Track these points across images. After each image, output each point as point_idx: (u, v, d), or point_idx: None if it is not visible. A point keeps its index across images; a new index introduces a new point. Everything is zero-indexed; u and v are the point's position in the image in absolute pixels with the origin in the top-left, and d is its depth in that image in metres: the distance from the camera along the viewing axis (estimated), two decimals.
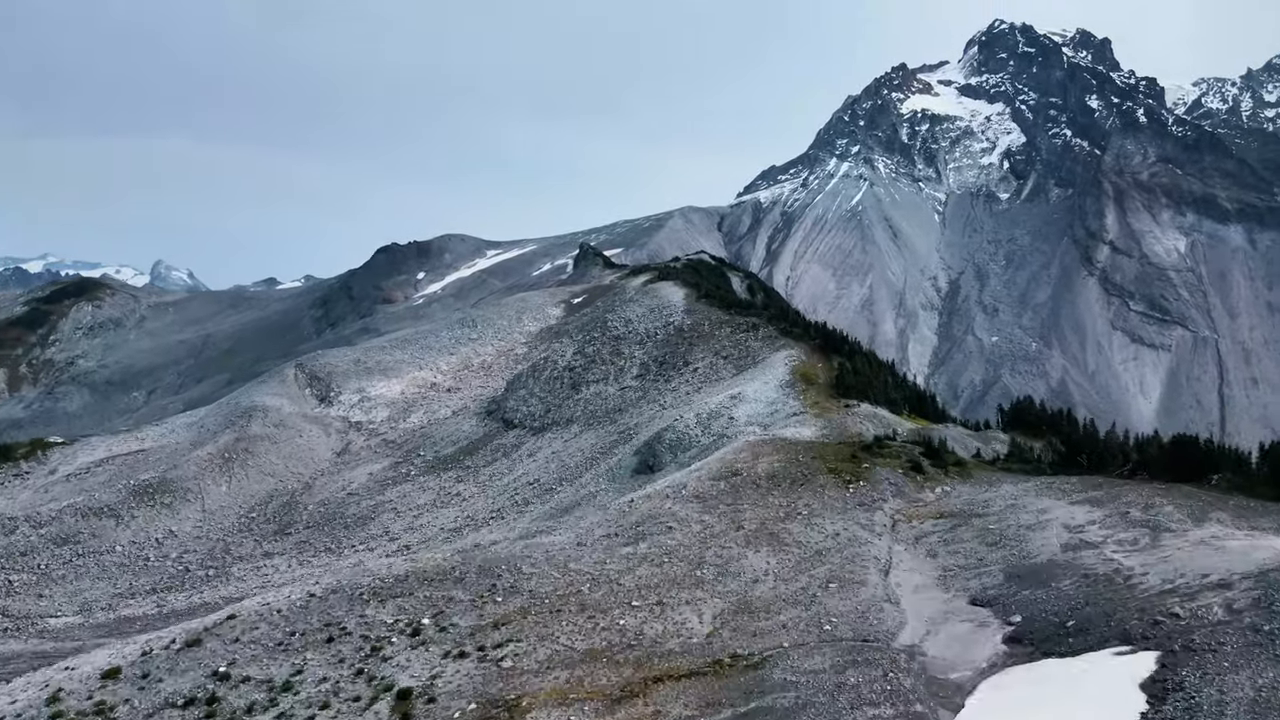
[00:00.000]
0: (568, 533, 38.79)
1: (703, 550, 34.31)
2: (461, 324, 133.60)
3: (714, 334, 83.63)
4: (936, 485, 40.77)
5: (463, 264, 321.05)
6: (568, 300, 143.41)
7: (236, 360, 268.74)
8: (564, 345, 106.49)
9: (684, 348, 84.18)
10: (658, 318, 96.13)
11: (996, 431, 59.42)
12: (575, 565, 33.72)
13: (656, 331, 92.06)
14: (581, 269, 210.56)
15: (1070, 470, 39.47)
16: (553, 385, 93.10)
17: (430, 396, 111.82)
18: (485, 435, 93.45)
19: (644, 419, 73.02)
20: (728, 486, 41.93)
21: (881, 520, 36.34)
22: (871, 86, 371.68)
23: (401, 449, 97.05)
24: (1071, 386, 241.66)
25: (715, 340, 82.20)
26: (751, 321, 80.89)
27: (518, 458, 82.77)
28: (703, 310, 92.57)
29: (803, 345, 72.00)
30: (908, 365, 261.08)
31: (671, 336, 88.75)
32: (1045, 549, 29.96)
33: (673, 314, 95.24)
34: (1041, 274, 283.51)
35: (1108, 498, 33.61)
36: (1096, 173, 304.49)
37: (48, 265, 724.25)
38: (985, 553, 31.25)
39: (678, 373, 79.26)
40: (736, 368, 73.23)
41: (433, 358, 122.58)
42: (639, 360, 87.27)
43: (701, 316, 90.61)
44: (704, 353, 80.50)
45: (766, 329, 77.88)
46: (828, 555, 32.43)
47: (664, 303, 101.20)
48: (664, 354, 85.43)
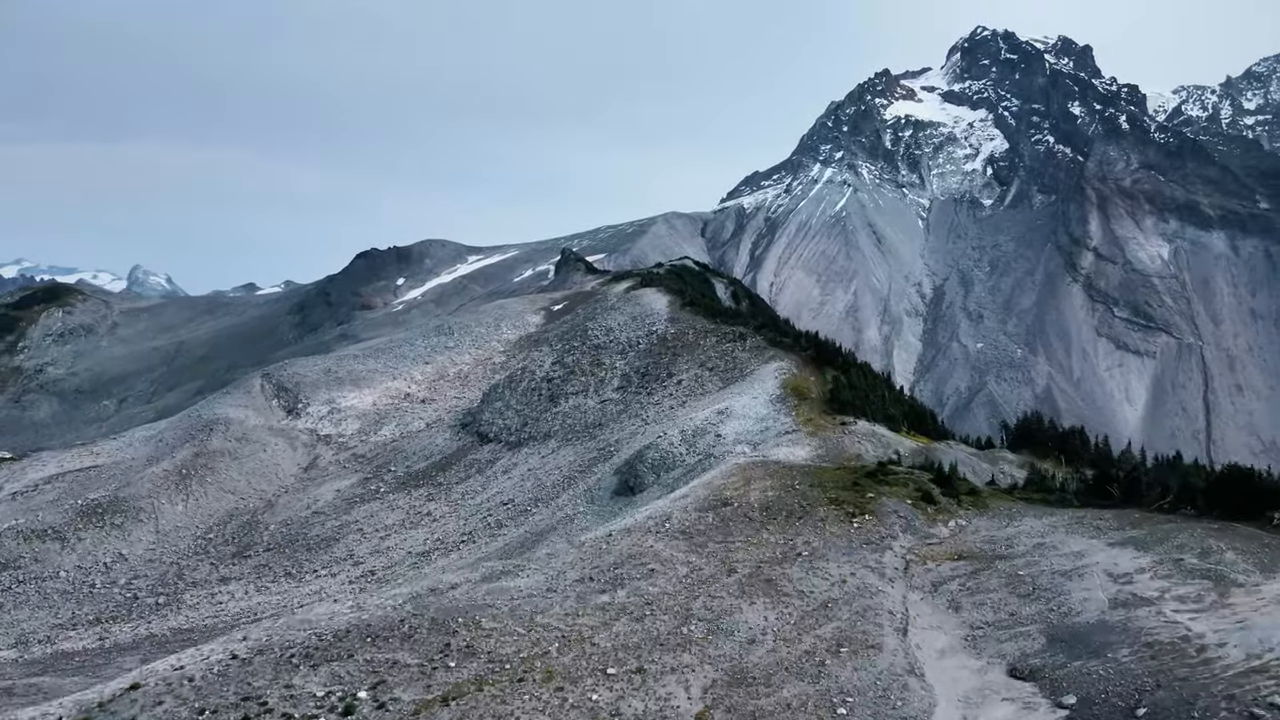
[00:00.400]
0: (536, 574, 34.01)
1: (690, 600, 29.63)
2: (438, 332, 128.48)
3: (699, 344, 79.04)
4: (950, 518, 36.29)
5: (443, 269, 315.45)
6: (547, 307, 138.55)
7: (211, 367, 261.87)
8: (542, 354, 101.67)
9: (667, 358, 79.56)
10: (640, 326, 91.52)
11: (1004, 451, 55.11)
12: (543, 618, 28.96)
13: (639, 341, 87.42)
14: (563, 275, 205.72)
15: (1100, 502, 35.09)
16: (530, 397, 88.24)
17: (403, 408, 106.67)
18: (459, 450, 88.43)
19: (625, 435, 68.30)
20: (717, 519, 37.29)
21: (892, 562, 31.78)
22: (855, 92, 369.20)
23: (371, 464, 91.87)
24: (1057, 393, 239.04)
25: (700, 350, 77.61)
26: (738, 331, 76.34)
27: (492, 475, 77.83)
28: (687, 318, 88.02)
29: (793, 356, 67.49)
30: (893, 372, 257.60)
31: (654, 346, 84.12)
32: (1090, 604, 25.47)
33: (655, 322, 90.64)
34: (1026, 280, 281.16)
35: (1152, 539, 29.22)
36: (1079, 179, 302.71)
37: (22, 270, 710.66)
38: (1018, 606, 26.74)
39: (661, 385, 74.63)
40: (723, 380, 68.68)
41: (407, 367, 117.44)
42: (620, 371, 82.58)
43: (686, 325, 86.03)
44: (688, 364, 75.90)
45: (754, 339, 73.33)
46: (835, 609, 27.82)
47: (646, 310, 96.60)
48: (646, 365, 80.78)
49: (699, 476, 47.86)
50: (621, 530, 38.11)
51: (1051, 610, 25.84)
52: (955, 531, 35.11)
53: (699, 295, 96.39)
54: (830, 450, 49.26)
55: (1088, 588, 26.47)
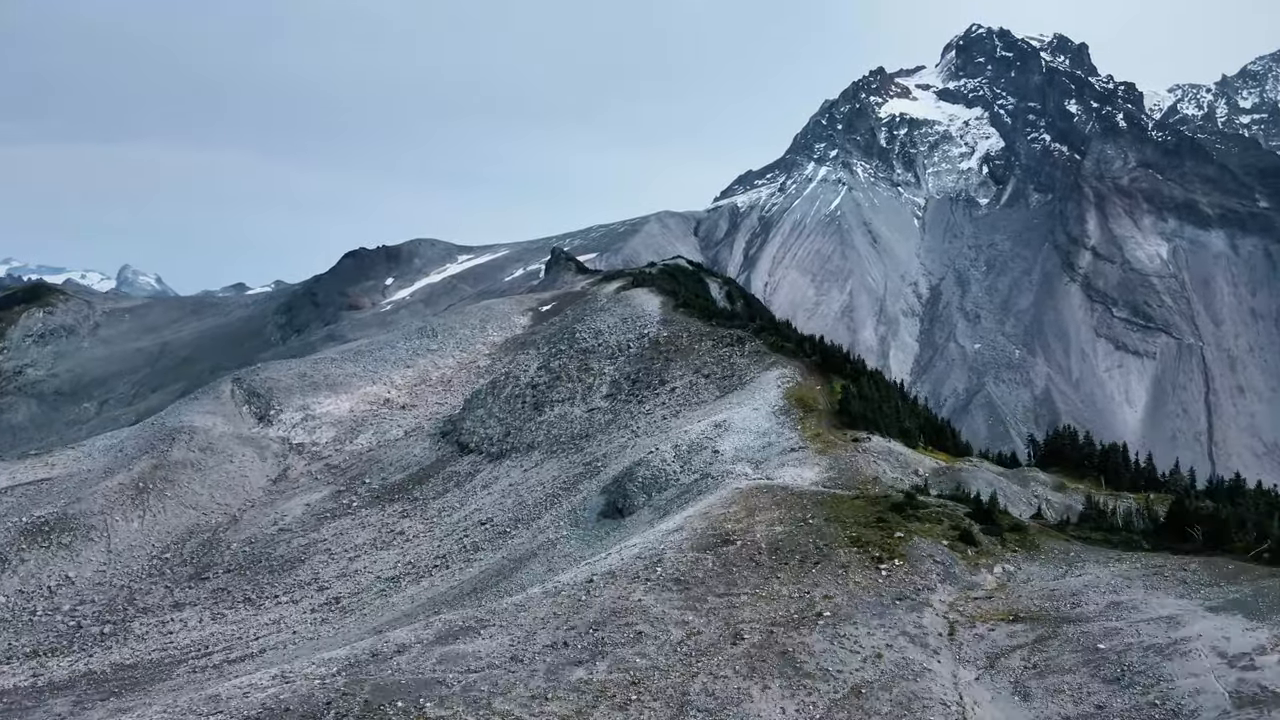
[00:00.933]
0: (501, 635, 27.98)
1: (687, 679, 23.66)
2: (421, 334, 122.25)
3: (694, 348, 73.00)
4: (995, 562, 30.35)
5: (433, 269, 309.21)
6: (535, 308, 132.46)
7: (195, 369, 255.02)
8: (528, 358, 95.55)
9: (660, 364, 73.54)
10: (631, 329, 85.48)
11: (1034, 470, 49.27)
12: (503, 703, 22.94)
13: (629, 344, 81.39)
14: (553, 274, 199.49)
15: (1177, 546, 29.23)
16: (513, 405, 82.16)
17: (382, 414, 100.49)
18: (438, 460, 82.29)
19: (613, 448, 62.31)
20: (717, 563, 31.33)
21: (934, 625, 25.84)
22: (849, 90, 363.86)
23: (345, 475, 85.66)
24: (1056, 395, 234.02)
25: (695, 355, 71.60)
26: (736, 334, 70.26)
27: (471, 489, 71.73)
28: (681, 321, 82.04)
29: (797, 363, 61.46)
30: (890, 373, 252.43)
31: (646, 350, 78.10)
32: (1204, 699, 19.56)
33: (647, 325, 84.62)
34: (1023, 280, 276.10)
35: (1264, 602, 23.36)
36: (1077, 178, 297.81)
37: (10, 270, 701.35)
38: (1106, 695, 20.82)
39: (653, 393, 68.60)
40: (720, 388, 62.69)
41: (387, 371, 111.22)
42: (609, 377, 76.55)
43: (679, 328, 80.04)
44: (683, 370, 69.88)
45: (754, 343, 67.28)
46: (870, 697, 21.87)
47: (638, 312, 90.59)
48: (637, 371, 74.77)
49: (695, 503, 41.91)
50: (605, 574, 32.13)
51: (1154, 705, 19.91)
52: (1003, 580, 29.16)
53: (693, 296, 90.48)
54: (843, 471, 43.30)
55: (1195, 673, 20.57)
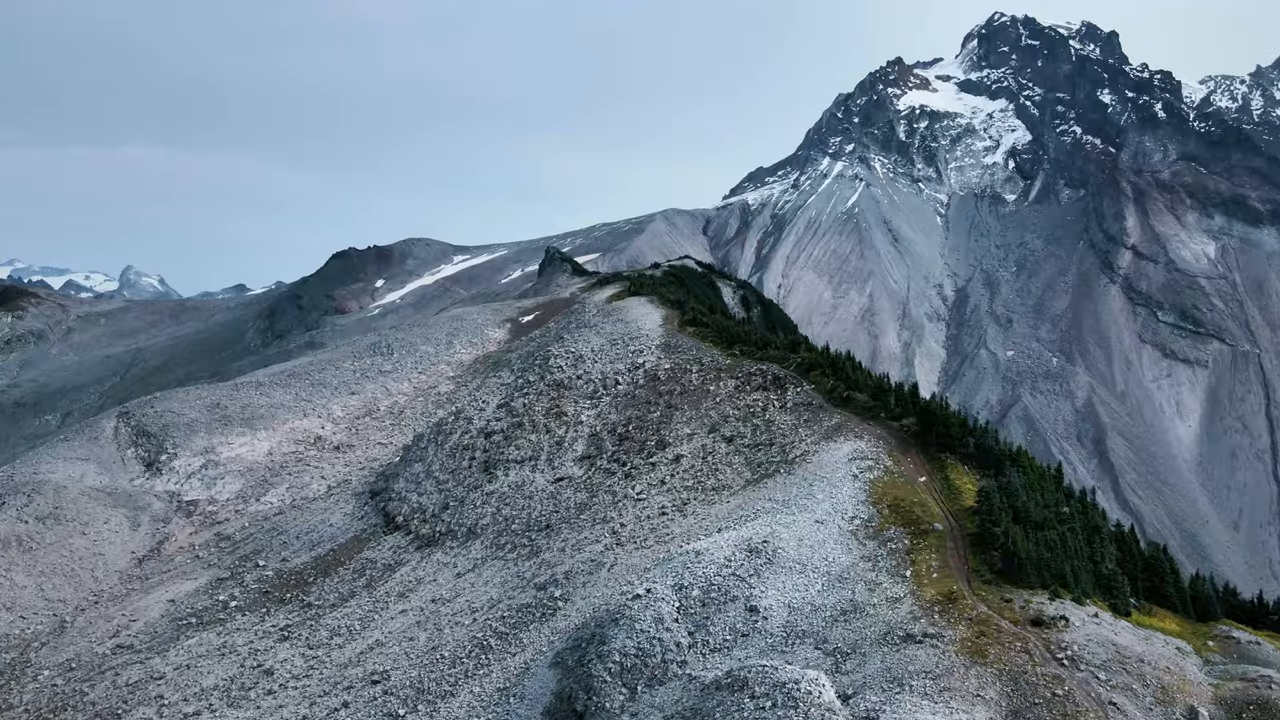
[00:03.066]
0: None
1: None
2: (373, 351, 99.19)
3: (708, 390, 49.66)
4: None
5: (426, 271, 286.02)
6: (515, 319, 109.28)
7: (167, 378, 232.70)
8: (488, 391, 72.37)
9: (658, 411, 50.19)
10: (622, 354, 62.04)
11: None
12: None
13: (618, 378, 57.97)
14: (547, 277, 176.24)
15: None
16: (459, 461, 58.93)
17: (307, 460, 77.44)
18: (356, 538, 59.13)
19: (582, 561, 39.06)
20: None
21: None
22: (866, 82, 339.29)
23: (236, 552, 62.59)
24: (1099, 407, 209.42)
25: (711, 402, 48.34)
26: (772, 372, 46.81)
27: (383, 598, 48.42)
28: (689, 346, 58.62)
29: (876, 429, 38.14)
30: (915, 383, 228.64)
31: (640, 389, 54.76)
32: None
33: (644, 349, 61.11)
34: (1057, 281, 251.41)
35: None
36: (1113, 172, 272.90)
37: (14, 270, 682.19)
38: None
39: (646, 461, 45.31)
40: (752, 465, 39.52)
41: (325, 399, 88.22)
42: (588, 428, 53.21)
43: (687, 356, 56.62)
44: (693, 425, 46.56)
45: (800, 387, 43.91)
46: None
47: (631, 330, 67.18)
48: (627, 420, 51.42)
49: None
50: None
51: None
52: None
53: (704, 310, 67.03)
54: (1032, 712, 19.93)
55: None
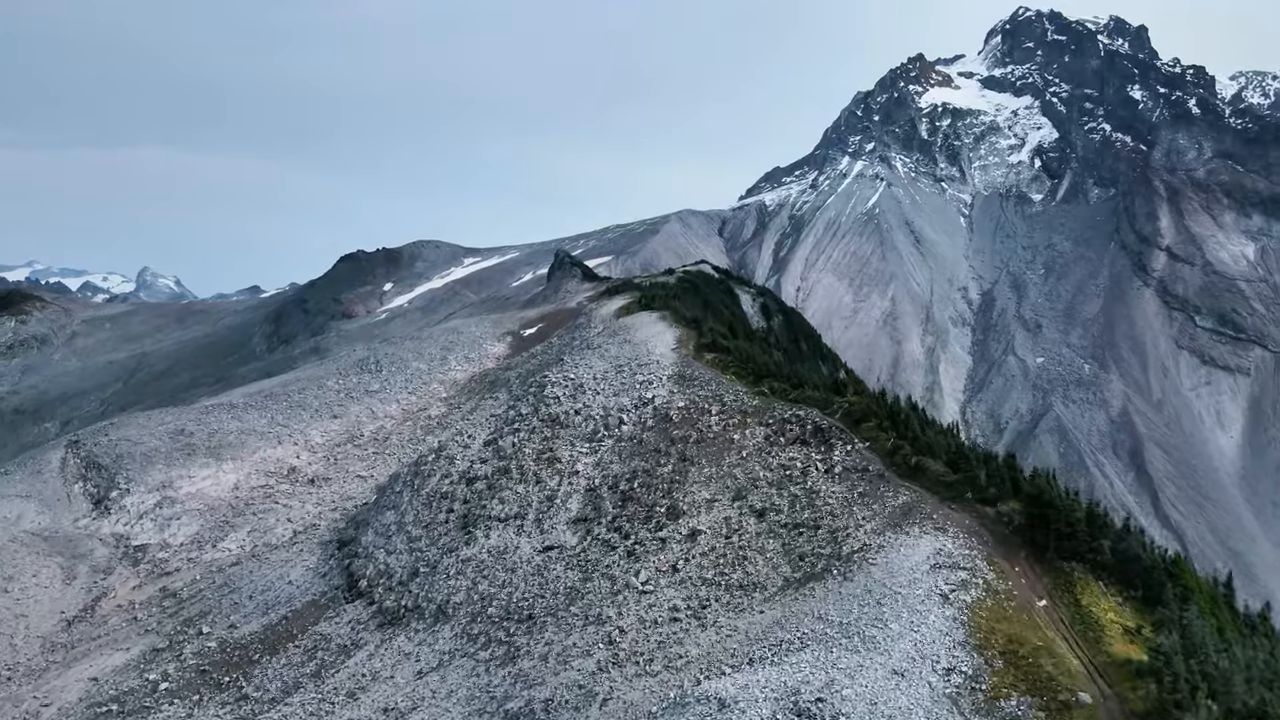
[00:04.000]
0: None
1: None
2: (360, 368, 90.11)
3: (730, 439, 40.01)
4: None
5: (435, 273, 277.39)
6: (517, 331, 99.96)
7: (170, 384, 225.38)
8: (477, 422, 63.02)
9: (670, 464, 40.56)
10: (628, 384, 52.45)
11: None
12: None
13: (622, 415, 48.44)
14: (556, 282, 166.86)
15: None
16: (435, 511, 49.58)
17: (277, 495, 68.37)
18: (313, 603, 49.84)
19: (566, 688, 29.63)
20: None
21: None
22: (886, 79, 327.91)
23: (180, 615, 53.49)
24: (1135, 417, 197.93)
25: (734, 456, 38.71)
26: (812, 422, 36.95)
27: (327, 701, 39.02)
28: (707, 378, 48.92)
29: (961, 514, 28.21)
30: (940, 390, 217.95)
31: (648, 432, 45.15)
32: None
33: (654, 380, 51.46)
34: (1088, 284, 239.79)
35: None
36: (1144, 170, 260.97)
37: (33, 273, 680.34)
38: None
39: (655, 535, 35.72)
40: (790, 555, 29.79)
41: (303, 424, 79.19)
42: (584, 480, 43.74)
43: (705, 392, 46.92)
44: (712, 486, 36.93)
45: (849, 445, 34.05)
46: None
47: (640, 354, 57.56)
48: (632, 473, 41.83)
49: None
50: None
51: None
52: None
53: (724, 331, 57.16)
54: None
55: None
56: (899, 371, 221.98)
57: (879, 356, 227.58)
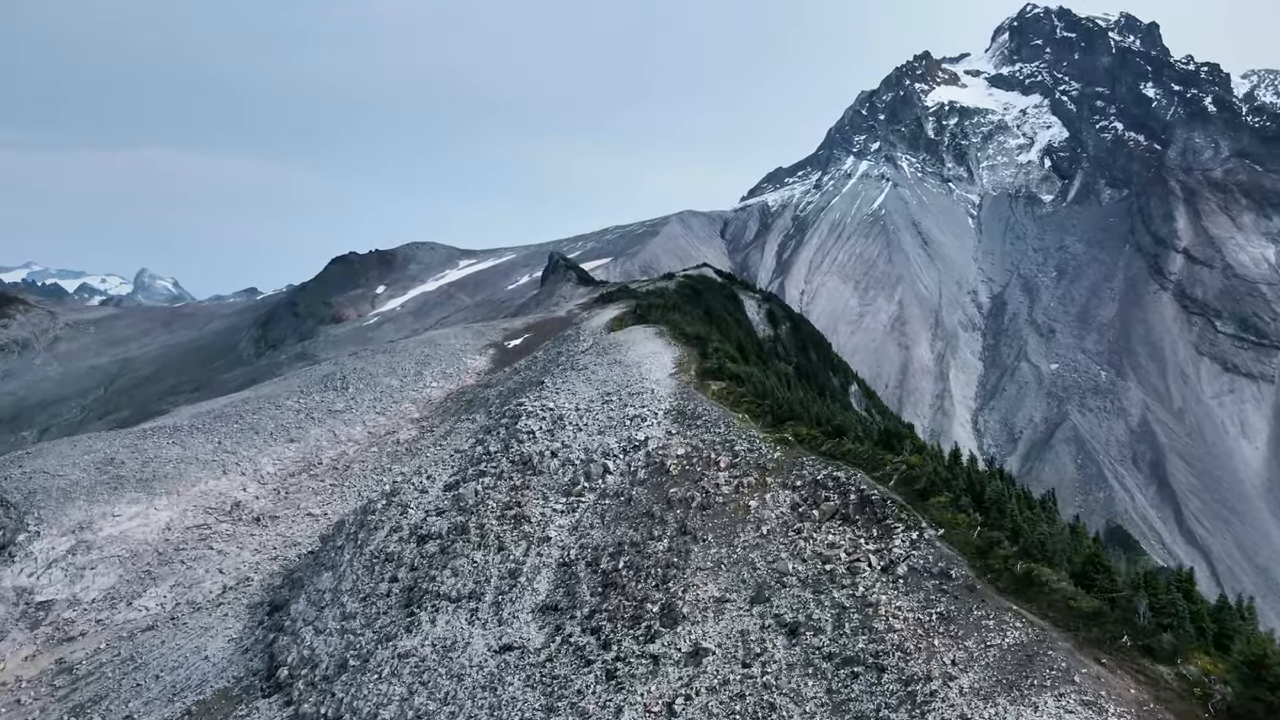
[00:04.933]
0: None
1: None
2: (325, 384, 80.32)
3: (746, 506, 30.17)
4: None
5: (430, 276, 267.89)
6: (501, 342, 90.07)
7: (152, 390, 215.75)
8: (440, 459, 53.33)
9: (666, 537, 30.70)
10: (616, 420, 42.64)
11: None
12: None
13: (608, 462, 38.67)
14: (550, 286, 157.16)
15: None
16: (377, 577, 39.85)
17: (214, 538, 58.63)
18: (223, 694, 40.02)
19: None
20: None
21: None
22: (892, 77, 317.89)
23: (69, 700, 43.74)
24: (1155, 426, 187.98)
25: (752, 532, 28.90)
26: (858, 490, 27.18)
27: None
28: (714, 416, 39.00)
29: (1111, 669, 18.57)
30: (950, 397, 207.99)
31: (640, 487, 35.30)
32: None
33: (648, 416, 41.68)
34: (1103, 288, 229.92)
35: None
36: (1159, 170, 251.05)
37: (30, 274, 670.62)
38: None
39: (643, 648, 25.98)
40: (838, 710, 20.26)
41: (254, 450, 69.42)
42: (557, 550, 33.97)
43: (713, 435, 37.01)
44: (721, 577, 27.15)
45: (916, 532, 24.24)
46: None
47: (633, 380, 47.77)
48: (617, 546, 31.97)
49: None
50: None
51: None
52: None
53: (732, 353, 47.27)
54: None
55: None
56: (908, 378, 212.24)
57: (886, 362, 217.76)
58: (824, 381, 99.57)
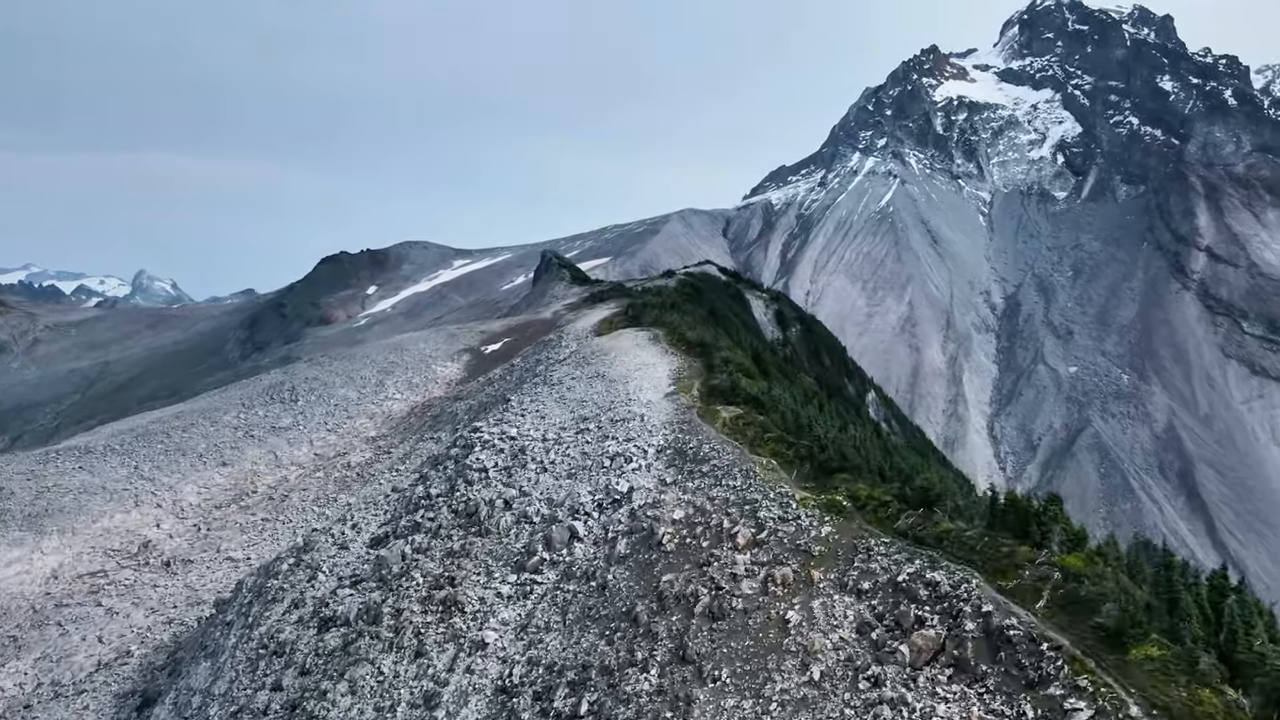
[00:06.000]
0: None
1: None
2: (270, 396, 69.06)
3: (783, 623, 19.10)
4: None
5: (423, 276, 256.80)
6: (477, 348, 78.72)
7: (131, 395, 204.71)
8: (374, 498, 42.06)
9: (655, 664, 19.47)
10: (594, 460, 31.17)
11: None
12: None
13: (576, 526, 27.16)
14: (542, 285, 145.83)
15: None
16: (257, 683, 28.41)
17: (106, 591, 47.35)
18: None
19: None
20: None
21: None
22: (898, 71, 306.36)
23: None
24: (1182, 433, 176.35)
25: (794, 675, 17.95)
26: (978, 608, 16.45)
27: None
28: (727, 459, 27.47)
29: None
30: (964, 402, 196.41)
31: (618, 572, 23.89)
32: None
33: (633, 455, 30.20)
34: (1121, 287, 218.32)
35: None
36: (1178, 165, 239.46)
37: (29, 275, 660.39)
38: None
39: None
40: None
41: (177, 476, 58.13)
42: (494, 669, 22.40)
43: (724, 491, 25.50)
44: None
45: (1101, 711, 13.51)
46: None
47: (619, 402, 36.37)
48: (578, 679, 20.64)
49: None
50: None
51: None
52: None
53: (745, 364, 35.83)
54: None
55: None
56: (919, 382, 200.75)
57: (896, 365, 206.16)
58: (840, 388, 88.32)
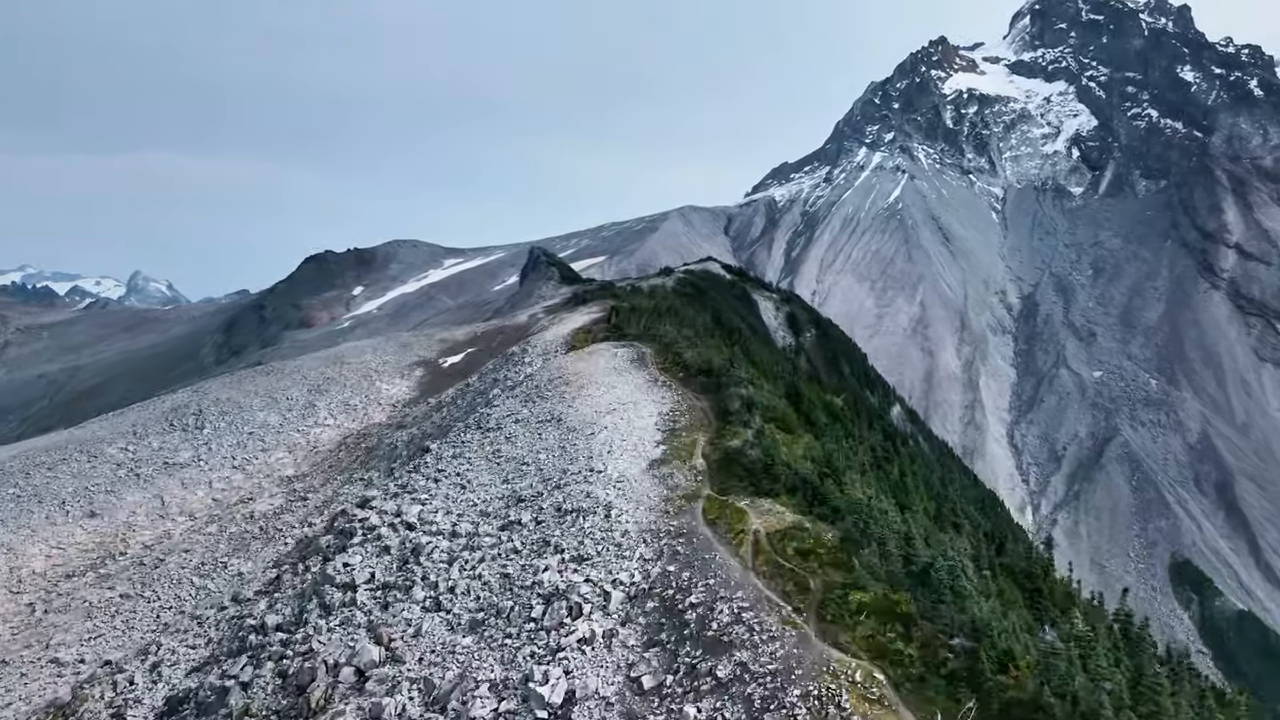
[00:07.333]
0: None
1: None
2: (169, 422, 55.02)
3: None
4: None
5: (411, 276, 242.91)
6: (433, 360, 64.74)
7: (96, 403, 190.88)
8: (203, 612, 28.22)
9: None
10: (518, 607, 16.85)
11: None
12: None
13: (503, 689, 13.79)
14: (529, 285, 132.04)
15: None
16: None
17: None
18: None
19: None
20: None
21: None
22: (906, 63, 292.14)
23: None
24: (1218, 442, 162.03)
25: None
26: None
27: None
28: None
29: None
30: (982, 408, 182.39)
31: None
32: None
33: (584, 604, 15.57)
34: (1145, 287, 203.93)
35: None
36: (1202, 159, 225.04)
37: (24, 276, 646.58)
38: None
39: None
40: None
41: (25, 530, 44.06)
42: None
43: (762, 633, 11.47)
44: None
45: None
46: None
47: (574, 474, 22.13)
48: None
49: None
50: None
51: None
52: None
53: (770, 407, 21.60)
54: None
55: None
56: (933, 387, 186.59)
57: (909, 369, 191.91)
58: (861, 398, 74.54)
